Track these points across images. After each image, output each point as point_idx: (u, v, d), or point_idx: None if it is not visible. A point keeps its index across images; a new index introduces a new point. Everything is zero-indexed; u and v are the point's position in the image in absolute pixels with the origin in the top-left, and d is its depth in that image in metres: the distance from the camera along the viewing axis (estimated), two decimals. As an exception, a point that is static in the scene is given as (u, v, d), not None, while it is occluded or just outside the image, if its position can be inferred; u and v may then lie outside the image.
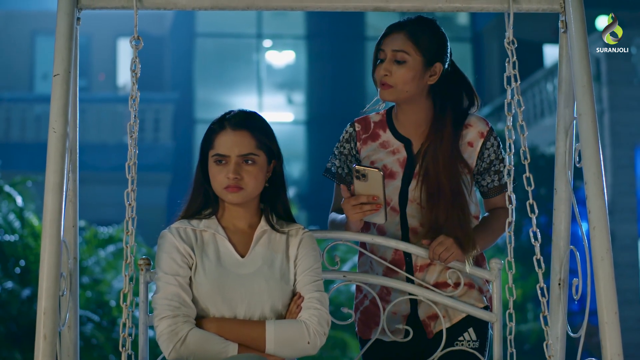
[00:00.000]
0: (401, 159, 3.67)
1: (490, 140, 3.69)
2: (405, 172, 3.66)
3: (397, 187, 3.65)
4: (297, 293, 3.27)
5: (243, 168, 3.23)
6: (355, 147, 3.75)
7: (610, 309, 3.15)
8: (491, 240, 3.69)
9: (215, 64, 23.60)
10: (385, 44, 3.61)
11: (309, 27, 23.80)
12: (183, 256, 3.23)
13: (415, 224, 3.65)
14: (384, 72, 3.59)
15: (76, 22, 3.40)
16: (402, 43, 3.59)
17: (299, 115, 23.87)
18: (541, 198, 4.42)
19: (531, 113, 19.20)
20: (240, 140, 3.24)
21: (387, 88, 3.60)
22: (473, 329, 3.67)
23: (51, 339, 3.07)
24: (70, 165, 3.39)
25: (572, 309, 12.61)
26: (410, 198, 3.65)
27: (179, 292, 3.18)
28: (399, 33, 3.60)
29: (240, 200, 3.25)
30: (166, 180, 21.90)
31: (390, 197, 3.65)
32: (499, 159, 3.69)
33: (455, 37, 23.84)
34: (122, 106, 22.38)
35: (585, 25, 3.40)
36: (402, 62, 3.58)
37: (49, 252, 3.11)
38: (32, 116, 22.26)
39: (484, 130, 3.68)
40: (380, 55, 3.63)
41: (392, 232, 3.68)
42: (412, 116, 3.68)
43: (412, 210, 3.65)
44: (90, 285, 10.83)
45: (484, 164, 3.69)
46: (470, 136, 3.68)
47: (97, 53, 25.72)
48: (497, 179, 3.70)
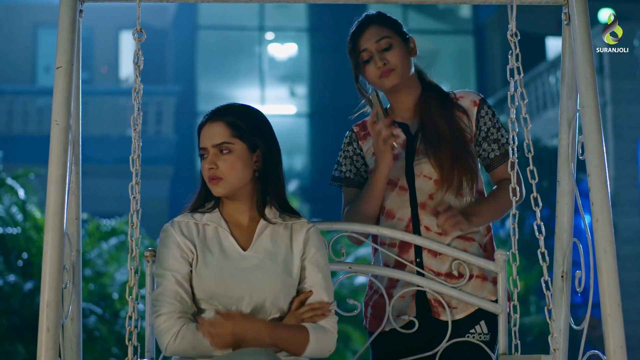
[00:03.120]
0: (401, 142, 3.75)
1: (484, 108, 3.78)
2: (408, 150, 3.74)
3: (403, 166, 3.73)
4: (308, 292, 3.28)
5: (219, 158, 3.24)
6: (358, 146, 3.85)
7: (613, 302, 3.16)
8: (497, 212, 3.72)
9: (217, 57, 23.59)
10: (364, 42, 3.75)
11: (312, 19, 23.78)
12: (183, 251, 3.23)
13: (423, 197, 3.70)
14: (381, 63, 3.70)
15: (79, 15, 3.40)
16: (379, 32, 3.74)
17: (301, 107, 23.85)
18: (544, 190, 4.42)
19: (534, 105, 19.19)
20: (213, 131, 3.26)
21: (389, 74, 3.71)
22: (485, 322, 3.69)
23: (54, 332, 3.07)
24: (72, 158, 3.39)
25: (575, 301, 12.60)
26: (417, 172, 3.71)
27: (176, 288, 3.19)
28: (370, 27, 3.75)
29: (223, 192, 3.25)
30: (168, 173, 21.88)
31: (397, 177, 3.72)
32: (495, 127, 3.77)
33: (457, 30, 23.84)
34: (125, 99, 22.37)
35: (588, 18, 3.40)
36: (389, 47, 3.73)
37: (52, 245, 3.12)
38: (35, 109, 22.24)
39: (476, 99, 3.79)
40: (363, 56, 3.75)
41: (402, 212, 3.72)
42: (406, 101, 3.80)
43: (421, 184, 3.71)
44: (92, 277, 10.83)
45: (481, 133, 3.76)
46: (465, 105, 3.78)
47: (100, 45, 25.69)
48: (496, 147, 3.76)
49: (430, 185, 3.70)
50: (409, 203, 3.71)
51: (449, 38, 23.81)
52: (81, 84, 3.50)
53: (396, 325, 3.67)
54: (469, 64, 23.74)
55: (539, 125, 17.83)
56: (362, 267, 3.72)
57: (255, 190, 3.32)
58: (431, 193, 3.69)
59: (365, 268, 3.71)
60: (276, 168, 3.33)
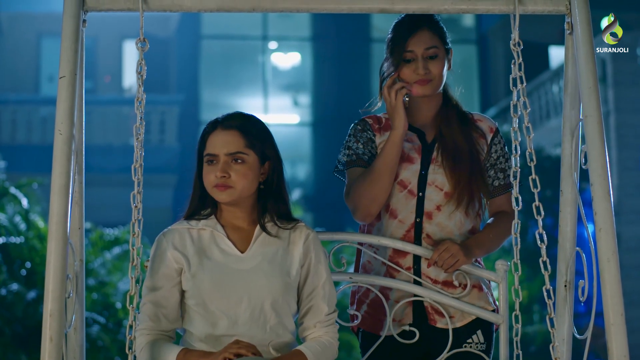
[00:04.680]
0: (417, 147, 3.75)
1: (498, 137, 3.80)
2: (423, 157, 3.73)
3: (416, 170, 3.72)
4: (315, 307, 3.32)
5: (232, 167, 3.25)
6: (372, 134, 3.80)
7: (617, 311, 3.15)
8: (496, 244, 3.72)
9: (220, 66, 23.61)
10: (413, 45, 3.70)
11: (315, 28, 23.79)
12: (169, 267, 3.28)
13: (431, 207, 3.70)
14: (422, 70, 3.68)
15: (82, 24, 3.41)
16: (431, 39, 3.72)
17: (304, 117, 23.86)
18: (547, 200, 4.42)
19: (537, 115, 19.19)
20: (228, 139, 3.26)
21: (425, 83, 3.70)
22: (481, 331, 3.69)
23: (57, 341, 3.07)
24: (76, 168, 3.39)
25: (578, 310, 12.59)
26: (429, 181, 3.71)
27: (153, 308, 3.26)
28: (423, 31, 3.72)
29: (229, 199, 3.26)
30: (172, 182, 21.88)
31: (409, 180, 3.71)
32: (504, 157, 3.79)
33: (460, 39, 23.84)
34: (128, 108, 22.38)
35: (591, 27, 3.40)
36: (434, 57, 3.71)
37: (55, 254, 3.12)
38: (38, 118, 22.25)
39: (493, 126, 3.82)
40: (406, 56, 3.70)
41: (405, 215, 3.71)
42: (427, 110, 3.80)
43: (431, 193, 3.70)
44: (96, 287, 10.82)
45: (491, 159, 3.77)
46: (483, 128, 3.80)
47: (103, 55, 25.71)
48: (502, 177, 3.77)
49: (440, 197, 3.69)
50: (415, 209, 3.70)
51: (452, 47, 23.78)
52: (84, 94, 3.50)
53: (394, 333, 3.67)
54: (472, 73, 23.75)
55: (542, 134, 17.82)
56: (363, 277, 3.72)
57: (257, 201, 3.33)
58: (439, 204, 3.69)
59: (366, 278, 3.70)
60: (282, 181, 3.35)
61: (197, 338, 3.24)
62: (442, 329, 3.67)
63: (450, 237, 3.68)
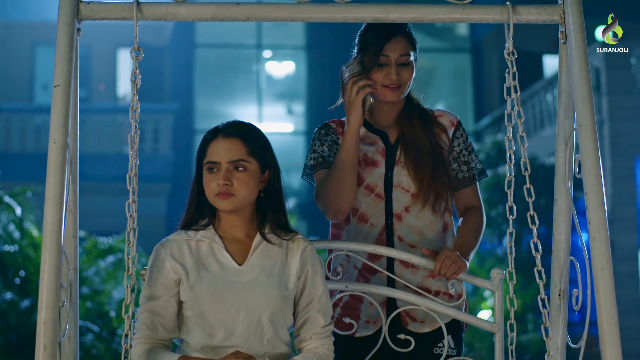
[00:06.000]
0: (380, 149, 3.79)
1: (460, 130, 3.85)
2: (387, 159, 3.78)
3: (382, 173, 3.77)
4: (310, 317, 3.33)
5: (234, 175, 3.25)
6: (337, 137, 3.86)
7: (611, 320, 3.15)
8: (476, 241, 3.78)
9: (215, 75, 23.60)
10: (389, 50, 3.74)
11: (309, 37, 23.82)
12: (168, 277, 3.27)
13: (399, 209, 3.74)
14: (395, 76, 3.73)
15: (76, 33, 3.41)
16: (406, 47, 3.77)
17: (298, 125, 23.86)
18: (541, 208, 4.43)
19: (531, 123, 19.20)
20: (230, 147, 3.26)
21: (396, 90, 3.75)
22: (451, 337, 3.73)
23: (51, 350, 3.07)
24: (70, 176, 3.39)
25: (573, 319, 12.59)
26: (395, 183, 3.76)
27: (150, 317, 3.26)
28: (400, 37, 3.76)
29: (231, 207, 3.26)
30: (166, 190, 21.86)
31: (375, 184, 3.75)
32: (467, 150, 3.84)
33: (454, 48, 23.87)
34: (122, 116, 22.35)
35: (585, 36, 3.41)
36: (406, 64, 3.76)
37: (49, 263, 3.12)
38: (32, 127, 22.23)
39: (454, 120, 3.87)
40: (381, 60, 3.74)
41: (376, 218, 3.75)
42: (390, 112, 3.85)
43: (398, 195, 3.75)
44: (90, 295, 10.80)
45: (454, 153, 3.82)
46: (444, 123, 3.85)
47: (97, 63, 25.72)
48: (465, 170, 3.83)
49: (407, 198, 3.74)
50: (384, 212, 3.73)
51: (446, 56, 23.82)
52: (79, 102, 3.50)
53: (368, 333, 3.73)
54: (466, 82, 23.77)
55: (536, 143, 17.83)
56: (358, 286, 3.72)
57: (255, 209, 3.33)
58: (407, 206, 3.74)
59: (361, 287, 3.71)
60: (279, 188, 3.36)
61: (194, 348, 3.24)
62: (414, 333, 3.72)
63: (422, 237, 3.74)
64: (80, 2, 3.43)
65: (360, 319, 3.73)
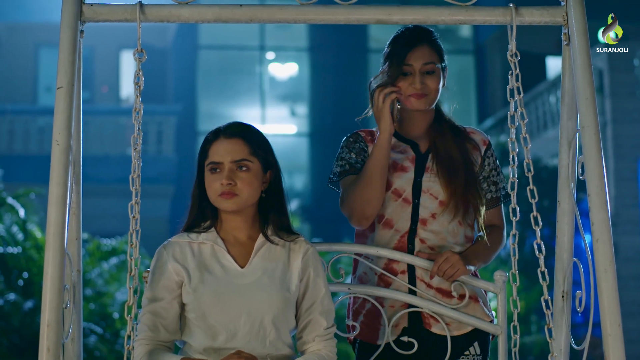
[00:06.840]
0: (410, 157, 3.77)
1: (490, 150, 3.83)
2: (417, 166, 3.75)
3: (410, 178, 3.74)
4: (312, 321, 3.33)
5: (237, 174, 3.25)
6: (365, 145, 3.82)
7: (614, 321, 3.15)
8: (490, 255, 3.75)
9: (218, 76, 23.62)
10: (412, 59, 3.72)
11: (312, 39, 23.81)
12: (170, 279, 3.27)
13: (426, 214, 3.71)
14: (419, 85, 3.70)
15: (79, 35, 3.41)
16: (430, 55, 3.74)
17: (302, 127, 23.87)
18: (544, 210, 4.43)
19: (534, 125, 19.20)
20: (233, 147, 3.26)
21: (421, 97, 3.72)
22: (478, 343, 3.69)
23: (54, 352, 3.07)
24: (73, 178, 3.39)
25: (576, 320, 12.58)
26: (424, 189, 3.73)
27: (153, 319, 3.26)
28: (423, 46, 3.75)
29: (235, 207, 3.26)
30: (169, 192, 21.87)
31: (404, 188, 3.72)
32: (496, 170, 3.81)
33: (457, 50, 23.86)
34: (125, 118, 22.38)
35: (587, 38, 3.41)
36: (431, 72, 3.74)
37: (53, 265, 3.12)
38: (36, 128, 22.25)
39: (486, 139, 3.84)
40: (405, 69, 3.72)
41: (401, 223, 3.72)
42: (420, 122, 3.82)
43: (425, 201, 3.72)
44: (93, 297, 10.80)
45: (484, 172, 3.79)
46: (476, 140, 3.82)
47: (100, 65, 25.73)
48: (494, 190, 3.79)
49: (435, 205, 3.71)
50: (410, 217, 3.71)
51: (449, 57, 23.57)
52: (82, 104, 3.50)
53: (391, 340, 3.67)
54: (470, 84, 23.76)
55: (539, 144, 17.83)
56: (361, 288, 3.72)
57: (258, 209, 3.33)
58: (434, 212, 3.71)
59: (364, 289, 3.70)
60: (281, 190, 3.36)
61: (196, 350, 3.23)
62: (439, 335, 3.68)
63: (444, 243, 3.69)
64: (83, 4, 3.44)
65: (382, 325, 3.70)
